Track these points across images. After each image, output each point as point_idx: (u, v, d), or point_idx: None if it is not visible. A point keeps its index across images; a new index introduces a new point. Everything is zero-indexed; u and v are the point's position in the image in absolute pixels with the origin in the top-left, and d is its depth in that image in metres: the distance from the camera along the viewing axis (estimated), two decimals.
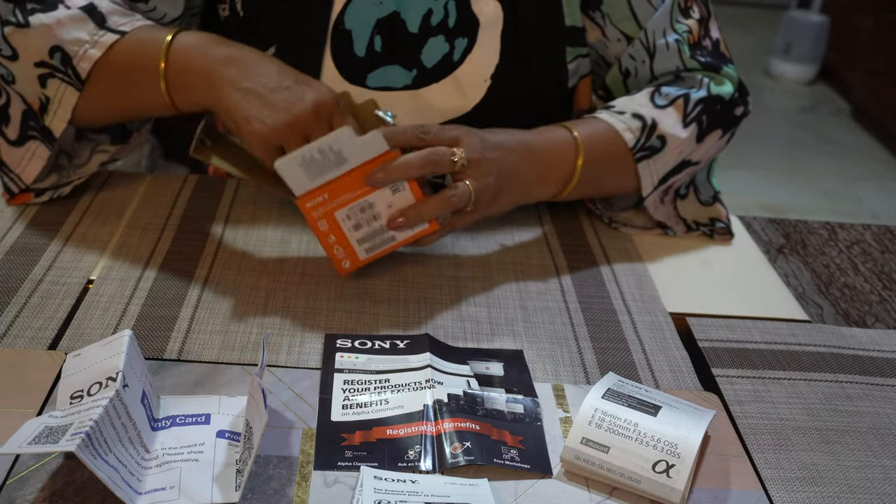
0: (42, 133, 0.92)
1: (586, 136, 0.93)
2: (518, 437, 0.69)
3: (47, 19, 0.88)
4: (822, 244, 1.05)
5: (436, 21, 0.96)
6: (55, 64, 0.89)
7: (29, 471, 0.62)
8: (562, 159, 0.92)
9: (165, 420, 0.67)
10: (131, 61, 0.88)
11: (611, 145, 0.95)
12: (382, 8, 0.95)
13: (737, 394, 0.77)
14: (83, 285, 0.84)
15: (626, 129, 0.95)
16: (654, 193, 0.98)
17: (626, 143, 0.94)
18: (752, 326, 0.86)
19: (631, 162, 0.95)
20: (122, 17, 0.90)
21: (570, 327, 0.84)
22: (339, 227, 0.84)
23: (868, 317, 0.91)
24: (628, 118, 0.95)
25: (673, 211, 1.02)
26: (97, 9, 0.89)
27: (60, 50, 0.88)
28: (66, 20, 0.88)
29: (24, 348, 0.75)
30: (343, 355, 0.76)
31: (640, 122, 0.95)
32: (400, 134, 0.84)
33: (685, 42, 0.98)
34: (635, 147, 0.95)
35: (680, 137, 0.96)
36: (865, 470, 0.70)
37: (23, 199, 0.95)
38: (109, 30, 0.88)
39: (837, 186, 3.21)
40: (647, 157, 0.96)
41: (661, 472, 0.63)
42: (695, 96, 0.97)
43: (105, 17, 0.89)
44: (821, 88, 4.10)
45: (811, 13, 4.05)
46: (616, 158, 0.95)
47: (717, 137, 1.00)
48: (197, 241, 0.92)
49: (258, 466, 0.64)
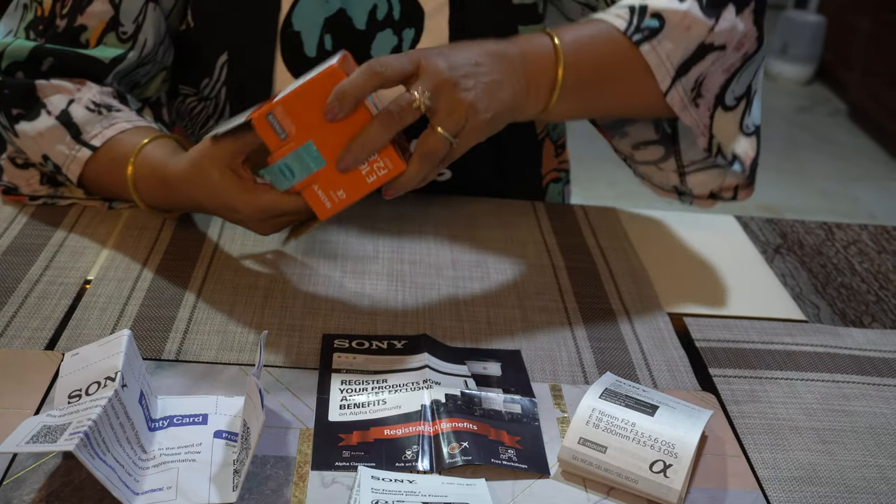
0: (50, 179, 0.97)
1: (567, 33, 0.84)
2: (515, 437, 0.69)
3: (31, 130, 0.92)
4: (819, 244, 1.05)
5: (381, 15, 0.95)
6: (51, 168, 0.93)
7: (26, 471, 0.62)
8: (539, 61, 0.82)
9: (163, 420, 0.67)
10: (107, 179, 0.92)
11: (599, 36, 0.85)
12: (329, 7, 0.95)
13: (734, 394, 0.77)
14: (80, 285, 0.84)
15: (615, 17, 0.86)
16: (678, 88, 0.87)
17: (618, 28, 0.85)
18: (750, 326, 0.87)
19: (632, 51, 0.85)
20: (94, 127, 0.91)
21: (568, 327, 0.84)
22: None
23: (865, 317, 0.92)
24: (615, 8, 0.87)
25: (707, 119, 0.90)
26: (72, 119, 0.92)
27: (50, 159, 0.92)
28: (46, 133, 0.92)
29: (21, 348, 0.75)
30: (341, 355, 0.76)
31: (628, 8, 0.86)
32: (352, 85, 0.74)
33: None
34: (628, 29, 0.85)
35: (679, 10, 0.85)
36: (862, 469, 0.70)
37: (17, 198, 0.96)
38: (84, 144, 0.91)
39: (834, 186, 3.21)
40: (647, 39, 0.85)
41: (659, 472, 0.64)
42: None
43: (80, 129, 0.91)
44: (818, 88, 4.11)
45: (808, 13, 4.05)
46: (611, 52, 0.85)
47: (734, 14, 0.87)
48: (194, 241, 0.92)
49: (255, 466, 0.64)
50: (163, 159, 0.87)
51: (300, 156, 0.76)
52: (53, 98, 0.92)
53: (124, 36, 0.94)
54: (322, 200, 0.77)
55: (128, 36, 0.94)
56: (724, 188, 0.97)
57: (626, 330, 0.84)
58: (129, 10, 0.93)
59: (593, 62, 0.85)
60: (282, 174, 0.77)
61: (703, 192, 0.97)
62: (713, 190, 0.97)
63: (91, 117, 0.92)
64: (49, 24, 0.93)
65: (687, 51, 0.87)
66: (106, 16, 0.93)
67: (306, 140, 0.75)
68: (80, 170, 0.91)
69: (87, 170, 0.91)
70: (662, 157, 0.97)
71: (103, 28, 0.93)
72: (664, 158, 0.97)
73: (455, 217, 1.01)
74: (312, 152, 0.76)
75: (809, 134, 3.64)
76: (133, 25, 0.94)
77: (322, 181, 0.76)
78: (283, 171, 0.77)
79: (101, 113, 0.92)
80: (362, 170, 0.76)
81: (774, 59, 4.12)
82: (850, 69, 3.84)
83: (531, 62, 0.82)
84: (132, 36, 0.94)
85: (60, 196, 0.96)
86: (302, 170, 0.76)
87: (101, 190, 0.94)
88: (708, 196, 0.98)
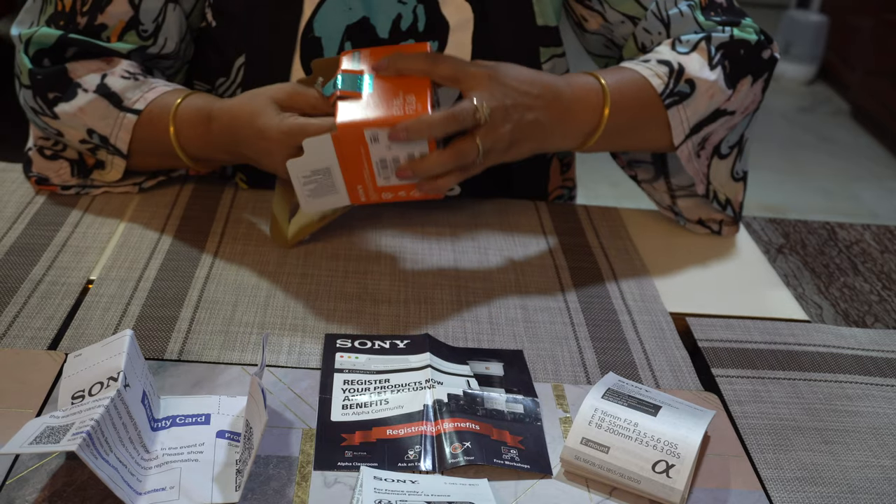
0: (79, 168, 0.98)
1: (614, 83, 0.90)
2: (518, 437, 0.69)
3: (70, 108, 0.93)
4: (821, 244, 1.05)
5: (405, 26, 0.96)
6: (96, 142, 0.94)
7: (28, 471, 0.62)
8: (588, 108, 0.89)
9: (165, 420, 0.67)
10: (152, 138, 0.93)
11: (639, 92, 0.91)
12: (352, 14, 0.95)
13: (736, 394, 0.77)
14: (83, 285, 0.84)
15: (654, 75, 0.91)
16: (688, 143, 0.94)
17: (655, 90, 0.91)
18: (752, 326, 0.86)
19: (661, 109, 0.91)
20: (134, 92, 0.93)
21: (571, 327, 0.84)
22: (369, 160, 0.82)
23: (868, 317, 0.91)
24: (654, 64, 0.92)
25: (705, 168, 0.97)
26: (111, 89, 0.93)
27: (95, 132, 0.93)
28: (87, 108, 0.93)
29: (24, 348, 0.75)
30: (343, 355, 0.76)
31: (667, 67, 0.92)
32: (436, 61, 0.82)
33: (697, 6, 0.96)
34: (664, 93, 0.91)
35: (708, 80, 0.92)
36: (865, 470, 0.70)
37: (50, 188, 0.98)
38: (127, 110, 0.92)
39: (837, 186, 3.21)
40: (677, 104, 0.91)
41: (661, 472, 0.63)
42: (716, 38, 0.94)
43: (120, 98, 0.93)
44: (820, 88, 4.11)
45: (810, 13, 4.05)
46: (645, 106, 0.91)
47: (749, 84, 0.95)
48: (197, 241, 0.92)
49: (258, 466, 0.64)
50: (207, 101, 0.91)
51: (355, 78, 0.82)
52: (87, 77, 0.93)
53: (145, 34, 0.95)
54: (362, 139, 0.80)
55: (148, 34, 0.95)
56: (711, 219, 1.01)
57: (628, 330, 0.84)
58: (148, 11, 0.94)
59: (630, 115, 0.91)
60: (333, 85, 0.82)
61: (692, 216, 1.02)
62: (701, 217, 1.01)
63: (129, 84, 0.93)
64: (70, 19, 0.94)
65: (704, 114, 0.93)
66: (125, 16, 0.94)
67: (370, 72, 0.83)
68: (129, 136, 0.92)
69: (135, 134, 0.93)
70: (654, 177, 1.02)
71: (123, 27, 0.94)
72: (655, 178, 1.02)
73: (457, 217, 1.01)
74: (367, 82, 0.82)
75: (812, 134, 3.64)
76: (153, 25, 0.95)
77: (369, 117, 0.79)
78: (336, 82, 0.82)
79: (138, 79, 0.94)
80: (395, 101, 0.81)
81: None
82: (852, 69, 3.84)
83: (580, 110, 0.88)
84: (152, 34, 0.96)
85: (92, 185, 0.97)
86: (350, 85, 0.81)
87: (148, 153, 0.95)
88: (696, 222, 1.02)
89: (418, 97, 0.81)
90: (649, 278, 0.93)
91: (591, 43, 1.05)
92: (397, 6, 0.95)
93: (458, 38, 0.97)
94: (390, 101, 0.81)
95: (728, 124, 0.96)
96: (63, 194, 0.97)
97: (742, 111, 0.97)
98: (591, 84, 0.90)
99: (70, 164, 0.97)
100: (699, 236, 1.02)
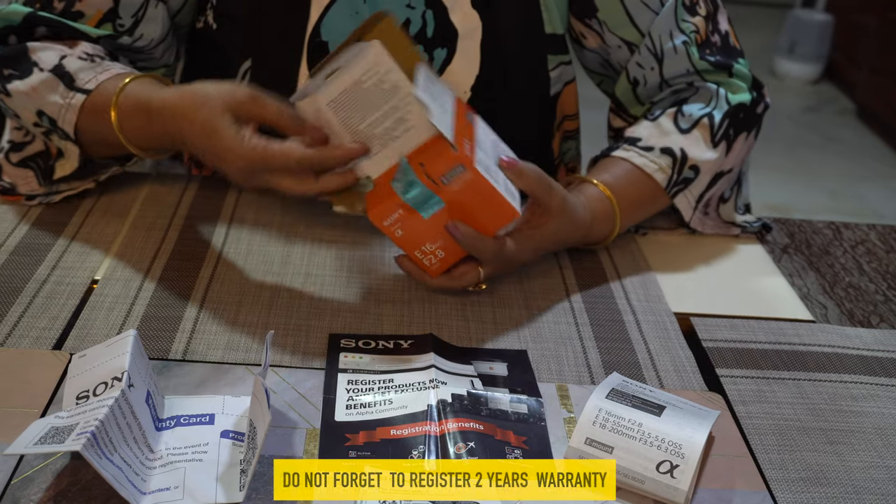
0: (43, 172, 0.94)
1: (620, 191, 0.92)
2: (522, 438, 0.69)
3: (23, 87, 0.90)
4: (826, 244, 1.05)
5: (414, 31, 0.95)
6: (46, 124, 0.91)
7: (33, 471, 0.62)
8: (600, 223, 0.91)
9: (170, 420, 0.67)
10: (97, 122, 0.88)
11: (644, 191, 0.94)
12: (359, 18, 0.94)
13: (741, 394, 0.77)
14: (88, 285, 0.84)
15: (658, 170, 0.94)
16: (697, 213, 0.98)
17: (660, 185, 0.94)
18: (757, 326, 0.86)
19: (666, 199, 0.96)
20: (88, 73, 0.90)
21: (575, 327, 0.84)
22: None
23: (873, 317, 0.91)
24: (657, 155, 0.94)
25: (719, 218, 1.01)
26: (65, 69, 0.90)
27: (45, 114, 0.90)
28: (39, 86, 0.90)
29: (29, 348, 0.75)
30: (347, 355, 0.76)
31: (671, 158, 0.94)
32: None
33: (693, 43, 0.97)
34: (669, 185, 0.94)
35: (710, 161, 0.95)
36: (870, 470, 0.70)
37: (14, 198, 0.95)
38: (78, 90, 0.89)
39: (842, 186, 3.20)
40: (681, 191, 0.96)
41: (665, 472, 0.63)
42: (718, 116, 0.96)
43: (73, 77, 0.90)
44: (825, 88, 4.09)
45: (815, 12, 4.04)
46: (651, 202, 0.96)
47: (744, 140, 0.99)
48: (201, 241, 0.92)
49: (262, 466, 0.64)
50: (148, 92, 0.86)
51: (429, 198, 0.78)
52: (43, 54, 0.91)
53: (121, 28, 0.93)
54: (388, 216, 0.79)
55: (125, 29, 0.94)
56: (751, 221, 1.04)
57: (632, 330, 0.84)
58: (129, 5, 0.93)
59: (637, 213, 0.96)
60: (408, 184, 0.78)
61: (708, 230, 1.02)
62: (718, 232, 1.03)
63: (84, 65, 0.91)
64: (46, 3, 0.92)
65: (705, 185, 0.97)
66: (104, 6, 0.92)
67: (444, 201, 0.78)
68: (76, 117, 0.89)
69: (82, 117, 0.89)
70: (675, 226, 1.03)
71: (100, 18, 0.93)
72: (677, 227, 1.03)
73: None
74: (434, 207, 0.78)
75: (817, 134, 3.63)
76: (131, 20, 0.93)
77: (407, 216, 0.79)
78: (412, 186, 0.78)
79: (95, 61, 0.91)
80: (426, 246, 0.81)
81: (782, 58, 4.11)
82: (857, 68, 3.83)
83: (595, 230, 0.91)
84: (129, 30, 0.94)
85: (55, 192, 0.95)
86: (418, 202, 0.78)
87: (94, 137, 0.90)
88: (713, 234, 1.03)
89: (449, 256, 0.82)
90: (653, 278, 0.93)
91: (588, 59, 1.06)
92: (406, 11, 0.94)
93: (467, 45, 0.96)
94: (425, 240, 0.81)
95: (728, 181, 1.00)
96: (27, 204, 0.95)
97: (738, 164, 1.00)
98: (604, 202, 0.91)
99: (35, 173, 0.94)
100: (703, 237, 1.02)
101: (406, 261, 0.83)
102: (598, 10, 0.98)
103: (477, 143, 0.80)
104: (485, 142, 0.82)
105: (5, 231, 0.91)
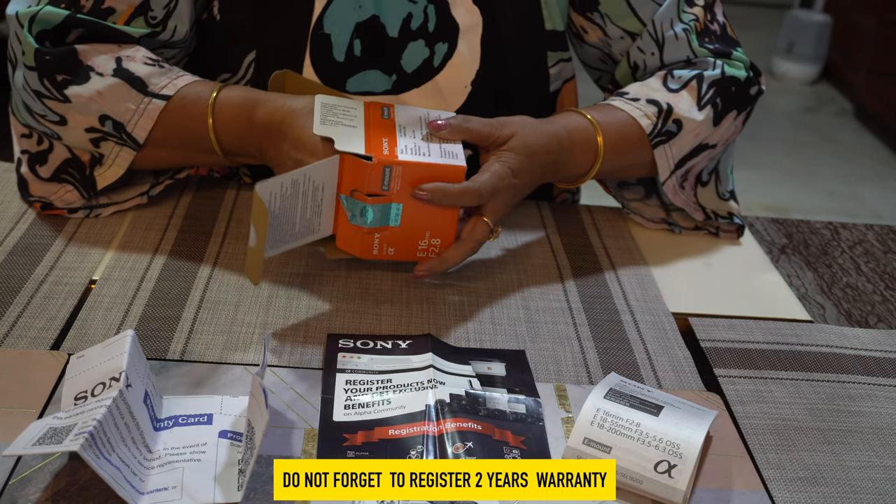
0: (83, 183, 0.92)
1: (606, 125, 0.93)
2: (520, 438, 0.69)
3: (86, 91, 0.87)
4: (824, 244, 1.05)
5: (415, 25, 0.96)
6: (108, 130, 0.89)
7: (31, 471, 0.62)
8: (584, 152, 0.92)
9: (168, 420, 0.67)
10: (181, 125, 0.89)
11: (628, 134, 0.94)
12: (362, 12, 0.94)
13: (739, 394, 0.77)
14: (86, 285, 0.84)
15: (643, 116, 0.94)
16: (672, 178, 0.97)
17: (644, 130, 0.94)
18: (755, 326, 0.86)
19: (648, 148, 0.95)
20: (160, 79, 0.89)
21: (573, 327, 0.84)
22: None
23: (870, 317, 0.91)
24: (643, 104, 0.95)
25: (693, 197, 1.01)
26: (134, 74, 0.88)
27: (110, 119, 0.88)
28: (106, 91, 0.88)
29: (27, 348, 0.75)
30: (345, 355, 0.76)
31: (656, 108, 0.95)
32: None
33: (693, 31, 0.98)
34: (652, 133, 0.94)
35: (696, 121, 0.95)
36: (868, 470, 0.70)
37: (56, 212, 0.94)
38: (154, 95, 0.88)
39: (840, 186, 3.20)
40: (663, 143, 0.95)
41: (663, 472, 0.63)
42: (708, 76, 0.96)
43: (145, 83, 0.88)
44: (823, 88, 4.10)
45: (814, 12, 4.04)
46: (634, 146, 0.95)
47: (733, 118, 0.99)
48: (199, 241, 0.92)
49: (260, 466, 0.64)
50: (250, 97, 0.88)
51: (386, 210, 0.81)
52: (98, 59, 0.88)
53: (153, 21, 0.92)
54: (372, 247, 0.83)
55: (157, 21, 0.92)
56: (708, 224, 1.03)
57: (630, 330, 0.84)
58: None
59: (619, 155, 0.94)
60: (361, 213, 0.81)
61: (688, 224, 1.03)
62: (698, 224, 1.03)
63: (154, 70, 0.89)
64: (73, 1, 0.89)
65: (688, 149, 0.97)
66: (136, 1, 0.90)
67: (399, 201, 0.81)
68: (152, 123, 0.88)
69: (160, 122, 0.88)
70: (645, 195, 1.04)
71: (132, 12, 0.91)
72: (647, 196, 1.04)
73: None
74: (397, 212, 0.81)
75: (815, 134, 3.63)
76: (163, 11, 0.92)
77: (385, 235, 0.82)
78: (364, 212, 0.80)
79: (163, 66, 0.90)
80: (420, 243, 0.84)
81: (780, 58, 4.11)
82: (855, 69, 3.83)
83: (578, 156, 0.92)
84: (162, 21, 0.92)
85: (101, 205, 0.93)
86: (379, 219, 0.81)
87: (170, 144, 0.90)
88: (693, 228, 1.03)
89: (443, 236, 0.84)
90: (652, 278, 0.93)
91: (588, 55, 1.06)
92: (408, 5, 0.95)
93: (468, 40, 0.97)
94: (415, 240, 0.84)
95: (709, 156, 1.00)
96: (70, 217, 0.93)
97: (723, 143, 1.00)
98: (587, 129, 0.92)
99: (75, 187, 0.92)
100: (701, 237, 1.02)
101: (421, 269, 0.84)
102: (600, 4, 0.98)
103: (399, 131, 0.83)
104: (410, 124, 0.85)
105: (3, 231, 0.91)
